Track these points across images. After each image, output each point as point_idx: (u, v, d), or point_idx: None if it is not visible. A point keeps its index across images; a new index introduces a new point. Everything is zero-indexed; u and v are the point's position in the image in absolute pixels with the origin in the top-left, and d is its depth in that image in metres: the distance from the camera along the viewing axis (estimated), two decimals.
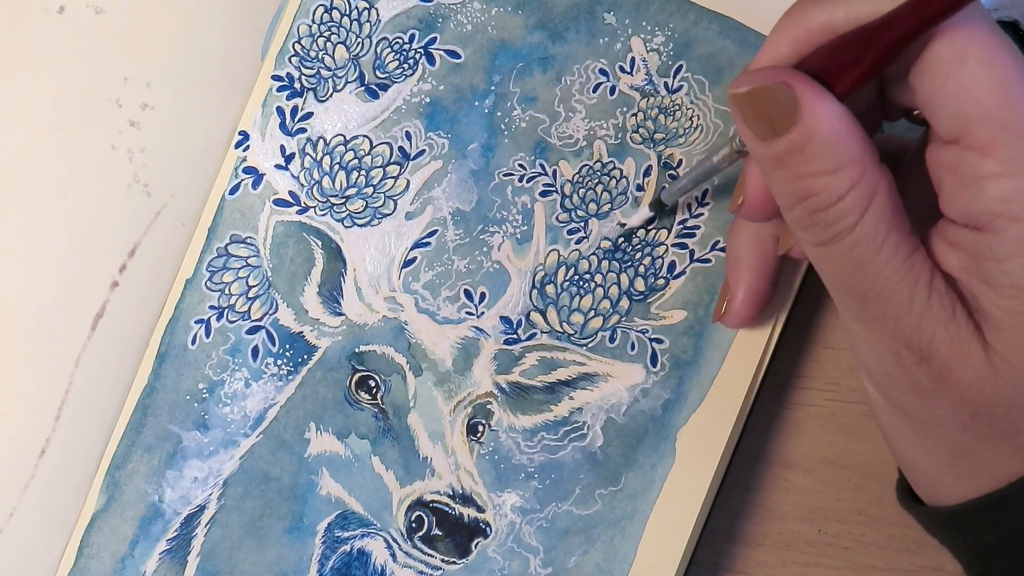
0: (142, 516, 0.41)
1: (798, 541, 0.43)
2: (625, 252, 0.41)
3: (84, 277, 0.42)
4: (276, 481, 0.41)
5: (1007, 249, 0.30)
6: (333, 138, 0.42)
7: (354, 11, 0.42)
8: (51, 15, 0.43)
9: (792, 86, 0.31)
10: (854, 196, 0.31)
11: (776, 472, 0.43)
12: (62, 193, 0.43)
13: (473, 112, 0.41)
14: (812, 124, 0.31)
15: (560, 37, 0.41)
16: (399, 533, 0.41)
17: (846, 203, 0.31)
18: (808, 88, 0.31)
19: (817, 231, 0.32)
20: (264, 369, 0.41)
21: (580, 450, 0.41)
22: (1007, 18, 0.42)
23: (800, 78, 0.31)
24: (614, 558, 0.40)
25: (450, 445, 0.41)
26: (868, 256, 0.31)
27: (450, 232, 0.41)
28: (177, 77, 0.43)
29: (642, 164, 0.41)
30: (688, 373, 0.41)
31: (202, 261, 0.41)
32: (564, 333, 0.41)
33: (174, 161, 0.43)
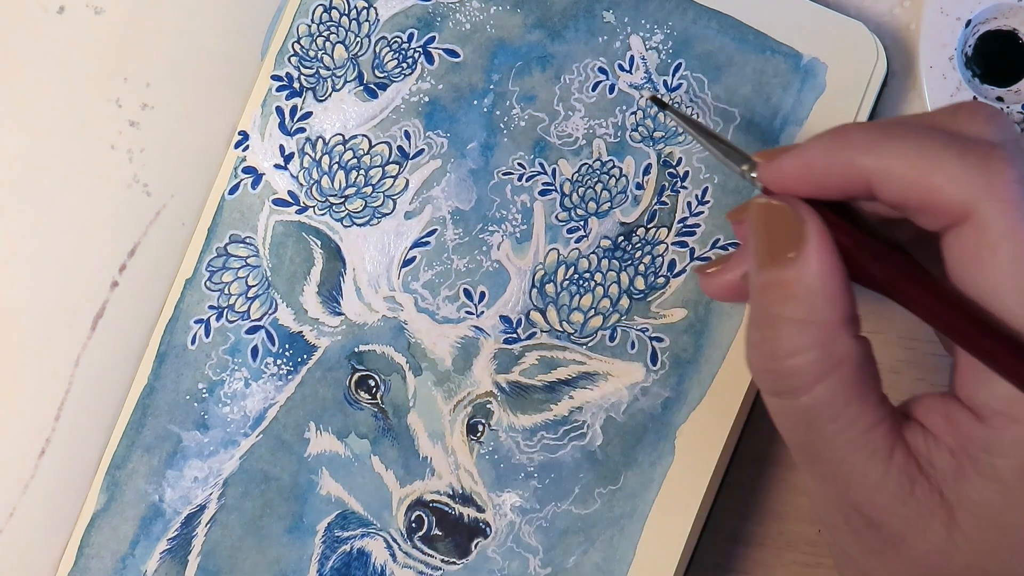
0: (142, 516, 0.41)
1: (798, 541, 0.42)
2: (625, 251, 0.41)
3: (84, 277, 0.43)
4: (276, 481, 0.41)
5: (1001, 448, 0.29)
6: (332, 138, 0.42)
7: (353, 11, 0.42)
8: (51, 15, 0.43)
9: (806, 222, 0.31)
10: (813, 357, 0.30)
11: (776, 472, 0.43)
12: (62, 193, 0.43)
13: (472, 111, 0.41)
14: (806, 265, 0.30)
15: (559, 36, 0.41)
16: (399, 533, 0.41)
17: (803, 360, 0.30)
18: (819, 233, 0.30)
19: (770, 378, 0.31)
20: (264, 369, 0.41)
21: (580, 449, 0.41)
22: (1006, 27, 0.41)
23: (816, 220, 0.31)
24: (613, 558, 0.40)
25: (450, 445, 0.41)
26: (822, 423, 0.30)
27: (449, 231, 0.41)
28: (177, 77, 0.43)
29: (642, 162, 0.41)
30: (688, 372, 0.40)
31: (202, 261, 0.41)
32: (564, 332, 0.41)
33: (174, 161, 0.43)
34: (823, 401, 0.30)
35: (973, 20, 0.41)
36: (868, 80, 0.40)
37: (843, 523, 0.32)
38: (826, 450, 0.31)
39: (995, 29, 0.41)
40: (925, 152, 0.30)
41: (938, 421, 0.31)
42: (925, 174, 0.29)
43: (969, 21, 0.41)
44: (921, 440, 0.31)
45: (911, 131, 0.30)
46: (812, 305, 0.30)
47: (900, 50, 0.42)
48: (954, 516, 0.30)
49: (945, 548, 0.30)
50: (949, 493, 0.30)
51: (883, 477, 0.30)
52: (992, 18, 0.41)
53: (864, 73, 0.40)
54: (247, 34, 0.43)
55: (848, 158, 0.31)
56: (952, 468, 0.30)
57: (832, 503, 0.32)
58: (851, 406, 0.30)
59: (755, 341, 0.32)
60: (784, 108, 0.40)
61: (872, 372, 0.31)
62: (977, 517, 0.30)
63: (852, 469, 0.30)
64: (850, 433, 0.30)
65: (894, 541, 0.31)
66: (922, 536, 0.30)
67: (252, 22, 0.43)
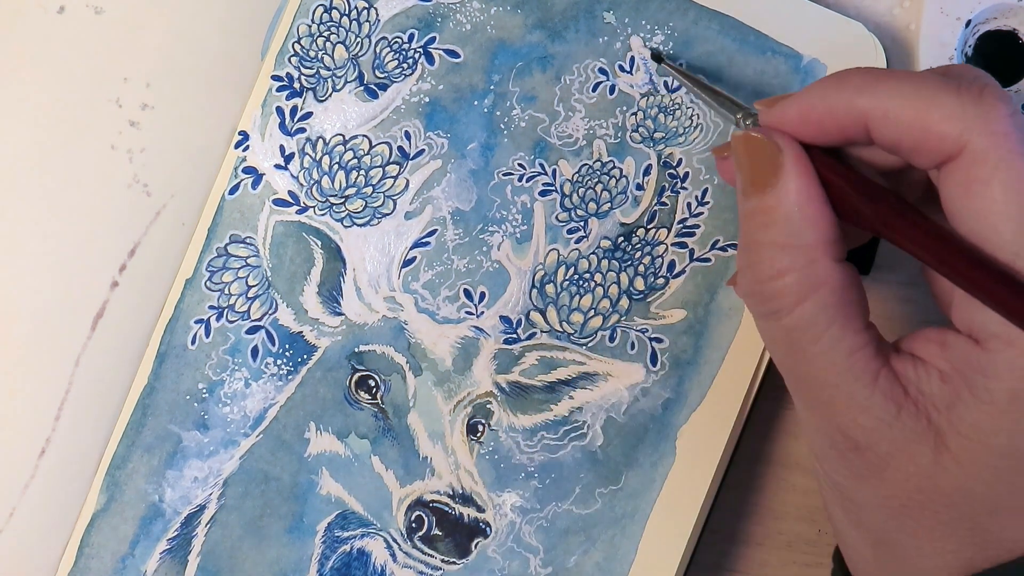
0: (142, 516, 0.41)
1: (798, 541, 0.42)
2: (625, 251, 0.41)
3: (84, 277, 0.42)
4: (276, 481, 0.41)
5: (996, 370, 0.30)
6: (332, 138, 0.42)
7: (353, 11, 0.42)
8: (51, 15, 0.43)
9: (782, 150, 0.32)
10: (794, 279, 0.31)
11: (776, 472, 0.43)
12: (62, 193, 0.43)
13: (472, 111, 0.41)
14: (784, 191, 0.32)
15: (559, 36, 0.41)
16: (399, 533, 0.41)
17: (784, 283, 0.31)
18: (797, 161, 0.32)
19: (755, 301, 0.33)
20: (264, 369, 0.41)
21: (580, 449, 0.41)
22: (1005, 27, 0.42)
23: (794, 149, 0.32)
24: (614, 557, 0.40)
25: (450, 445, 0.41)
26: (805, 343, 0.32)
27: (449, 232, 0.41)
28: (177, 77, 0.43)
29: (642, 163, 0.41)
30: (688, 372, 0.41)
31: (202, 261, 0.41)
32: (564, 332, 0.41)
33: (174, 161, 0.43)
34: (804, 322, 0.31)
35: (973, 20, 0.41)
36: None
37: (829, 448, 0.32)
38: (810, 372, 0.32)
39: (995, 29, 0.41)
40: (921, 90, 0.31)
41: (932, 349, 0.32)
42: (921, 111, 0.30)
43: (969, 21, 0.41)
44: (911, 367, 0.32)
45: (907, 73, 0.32)
46: (790, 229, 0.31)
47: (900, 50, 0.42)
48: (943, 438, 0.31)
49: (932, 471, 0.31)
50: (938, 417, 0.31)
51: (867, 400, 0.31)
52: (992, 18, 0.41)
53: None
54: (247, 34, 0.43)
55: (847, 99, 0.32)
56: (943, 393, 0.31)
57: (819, 428, 0.32)
58: (832, 327, 0.31)
59: (741, 266, 0.33)
60: None
61: (856, 298, 0.32)
62: (967, 439, 0.30)
63: (836, 391, 0.31)
64: (833, 355, 0.31)
65: (880, 464, 0.31)
66: (909, 459, 0.31)
67: (252, 22, 0.43)
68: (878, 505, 0.32)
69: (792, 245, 0.31)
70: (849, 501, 0.33)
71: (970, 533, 0.31)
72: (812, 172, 0.32)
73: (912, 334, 0.33)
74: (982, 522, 0.31)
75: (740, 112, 0.36)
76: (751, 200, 0.32)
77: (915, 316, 0.42)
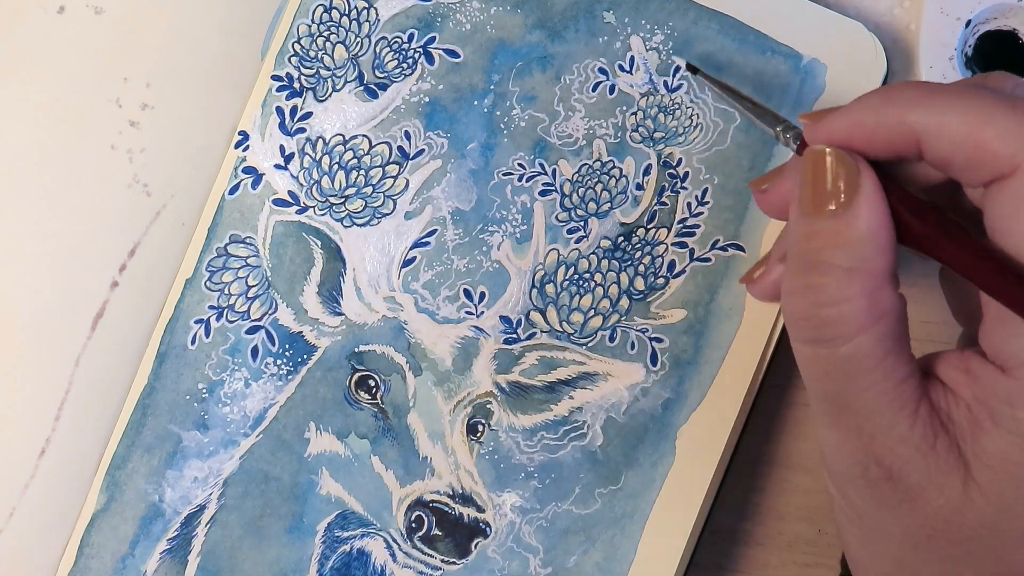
0: (142, 516, 0.41)
1: (798, 541, 0.42)
2: (625, 251, 0.41)
3: (84, 277, 0.43)
4: (276, 481, 0.41)
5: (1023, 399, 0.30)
6: (332, 138, 0.42)
7: (353, 11, 0.42)
8: (51, 15, 0.43)
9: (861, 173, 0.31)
10: (860, 306, 0.30)
11: (777, 472, 0.43)
12: (62, 193, 0.43)
13: (472, 111, 0.41)
14: (858, 214, 0.31)
15: (559, 36, 0.41)
16: (399, 533, 0.41)
17: (849, 309, 0.30)
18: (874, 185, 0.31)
19: (809, 325, 0.31)
20: (264, 369, 0.41)
21: (580, 449, 0.41)
22: (1006, 27, 0.41)
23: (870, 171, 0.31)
24: (614, 557, 0.40)
25: (450, 445, 0.41)
26: (859, 373, 0.31)
27: (449, 232, 0.41)
28: (177, 77, 0.43)
29: (642, 163, 0.41)
30: (688, 372, 0.40)
31: (202, 261, 0.41)
32: (564, 332, 0.41)
33: (174, 161, 0.43)
34: (863, 352, 0.31)
35: (973, 20, 0.41)
36: (867, 81, 0.40)
37: (859, 476, 0.32)
38: (856, 401, 0.31)
39: (995, 29, 0.41)
40: (975, 108, 0.30)
41: (957, 376, 0.31)
42: (976, 129, 0.30)
43: (969, 21, 0.41)
44: (941, 395, 0.31)
45: (959, 88, 0.31)
46: (863, 253, 0.30)
47: (900, 50, 0.42)
48: (970, 470, 0.30)
49: (959, 504, 0.30)
50: (966, 447, 0.30)
51: (909, 430, 0.31)
52: (992, 18, 0.41)
53: (864, 74, 0.40)
54: (247, 34, 0.43)
55: (898, 115, 0.31)
56: (969, 422, 0.30)
57: (852, 455, 0.32)
58: (889, 358, 0.31)
59: (797, 288, 0.32)
60: (784, 109, 0.40)
61: (906, 329, 0.32)
62: (993, 471, 0.30)
63: (880, 420, 0.31)
64: (885, 385, 0.31)
65: (911, 495, 0.31)
66: (939, 490, 0.30)
67: (252, 22, 0.43)
68: (902, 535, 0.31)
69: (861, 270, 0.30)
70: (871, 530, 0.32)
71: (995, 564, 0.31)
72: (884, 198, 0.31)
73: (937, 357, 0.32)
74: (1008, 553, 0.30)
75: (780, 125, 0.35)
76: (815, 220, 0.31)
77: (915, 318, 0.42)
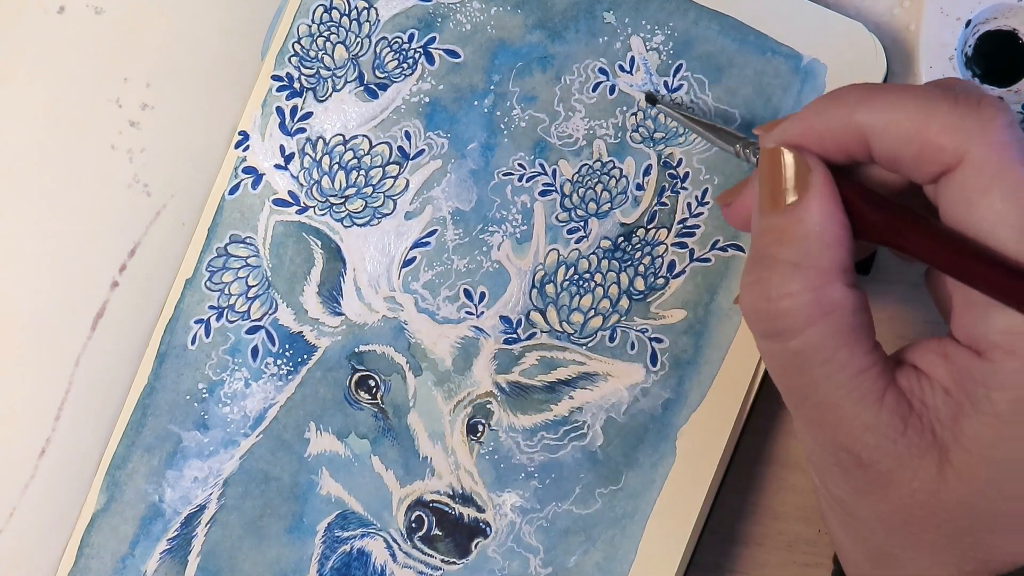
0: (142, 516, 0.41)
1: (798, 541, 0.42)
2: (625, 251, 0.41)
3: (84, 277, 0.43)
4: (276, 481, 0.41)
5: (998, 381, 0.30)
6: (332, 138, 0.42)
7: (353, 11, 0.42)
8: (51, 15, 0.43)
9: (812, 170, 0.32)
10: (805, 301, 0.31)
11: (776, 472, 0.43)
12: (62, 193, 0.43)
13: (472, 111, 0.41)
14: (806, 211, 0.31)
15: (559, 36, 0.41)
16: (399, 533, 0.41)
17: (794, 303, 0.31)
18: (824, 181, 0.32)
19: (760, 318, 0.32)
20: (264, 369, 0.41)
21: (580, 449, 0.41)
22: (1005, 27, 0.42)
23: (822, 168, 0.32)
24: (614, 557, 0.40)
25: (450, 445, 0.41)
26: (811, 366, 0.31)
27: (450, 232, 0.41)
28: (177, 77, 0.43)
29: (642, 163, 0.41)
30: (688, 372, 0.41)
31: (202, 261, 0.41)
32: (564, 332, 0.41)
33: (174, 161, 0.43)
34: (813, 345, 0.31)
35: (973, 20, 0.41)
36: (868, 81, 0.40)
37: (832, 464, 0.32)
38: (815, 393, 0.31)
39: (995, 29, 0.41)
40: (919, 103, 0.31)
41: (934, 360, 0.32)
42: (920, 124, 0.30)
43: (969, 21, 0.41)
44: (915, 381, 0.31)
45: (904, 87, 0.32)
46: (807, 249, 0.31)
47: (900, 50, 0.42)
48: (947, 454, 0.30)
49: (934, 486, 0.30)
50: (942, 431, 0.31)
51: (874, 418, 0.31)
52: (992, 18, 0.41)
53: (863, 74, 0.40)
54: (247, 34, 0.43)
55: (846, 115, 0.32)
56: (947, 406, 0.31)
57: (821, 446, 0.32)
58: (841, 351, 0.31)
59: (749, 282, 0.32)
60: (784, 109, 0.40)
61: (865, 320, 0.32)
62: (970, 453, 0.30)
63: (842, 411, 0.31)
64: (840, 377, 0.31)
65: (883, 481, 0.31)
66: (912, 474, 0.31)
67: (252, 22, 0.43)
68: (879, 520, 0.32)
69: (806, 266, 0.31)
70: (849, 516, 0.33)
71: (972, 547, 0.31)
72: (837, 195, 0.32)
73: (914, 345, 0.33)
74: (983, 537, 0.31)
75: (739, 142, 0.36)
76: (768, 217, 0.32)
77: (915, 316, 0.42)
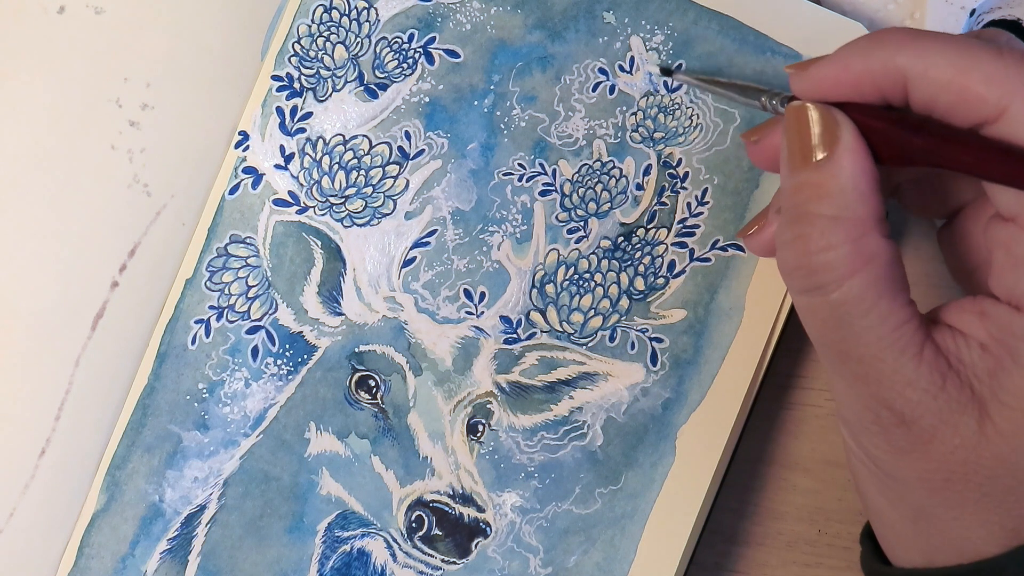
0: (142, 516, 0.41)
1: (798, 541, 0.42)
2: (625, 251, 0.41)
3: (84, 277, 0.43)
4: (276, 481, 0.41)
5: None
6: (332, 138, 0.42)
7: (353, 11, 0.42)
8: (51, 15, 0.43)
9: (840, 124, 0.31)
10: (845, 252, 0.31)
11: (776, 472, 0.43)
12: (62, 193, 0.43)
13: (472, 111, 0.41)
14: (839, 165, 0.31)
15: (559, 36, 0.41)
16: (399, 533, 0.41)
17: (836, 255, 0.31)
18: (854, 135, 0.31)
19: (801, 275, 0.32)
20: (264, 369, 0.41)
21: (580, 449, 0.41)
22: (1010, 16, 0.41)
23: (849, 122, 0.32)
24: (614, 557, 0.40)
25: (450, 445, 0.41)
26: (853, 318, 0.31)
27: (450, 232, 0.41)
28: (177, 77, 0.43)
29: (642, 163, 0.41)
30: (688, 372, 0.41)
31: (202, 261, 0.41)
32: (564, 332, 0.41)
33: (174, 161, 0.43)
34: (854, 296, 0.31)
35: (978, 9, 0.41)
36: None
37: (872, 422, 0.32)
38: (857, 347, 0.31)
39: (1000, 18, 0.41)
40: (963, 51, 0.30)
41: (970, 319, 0.32)
42: (963, 72, 0.30)
43: (974, 10, 0.41)
44: (950, 338, 0.32)
45: (947, 35, 0.31)
46: (845, 202, 0.31)
47: None
48: (986, 408, 0.30)
49: (975, 442, 0.31)
50: (981, 387, 0.31)
51: (914, 372, 0.31)
52: (996, 7, 0.41)
53: None
54: (247, 34, 0.43)
55: (886, 57, 0.31)
56: (985, 362, 0.31)
57: (862, 403, 0.32)
58: (882, 301, 0.31)
59: (787, 240, 0.32)
60: None
61: (901, 274, 0.32)
62: (1010, 408, 0.30)
63: (883, 365, 0.31)
64: (881, 329, 0.31)
65: (925, 437, 0.31)
66: (953, 430, 0.31)
67: (252, 22, 0.43)
68: (920, 479, 0.32)
69: (845, 218, 0.31)
70: (888, 477, 0.33)
71: (1016, 504, 0.31)
72: (866, 147, 0.32)
73: (946, 305, 0.33)
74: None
75: (764, 95, 0.35)
76: (801, 173, 0.32)
77: None
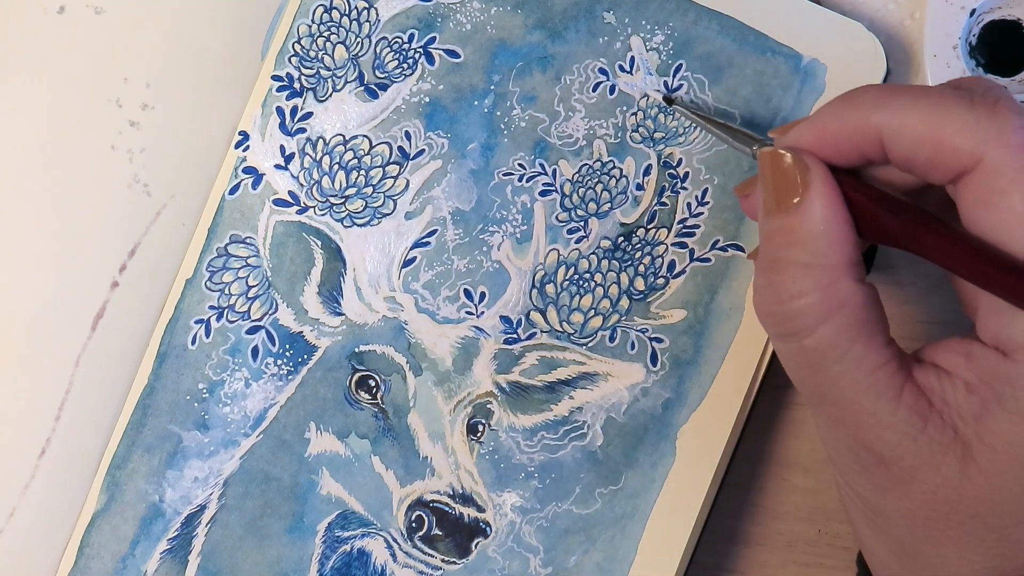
0: (143, 516, 0.41)
1: (798, 541, 0.42)
2: (625, 251, 0.41)
3: (84, 277, 0.43)
4: (276, 481, 0.41)
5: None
6: (332, 138, 0.42)
7: (353, 11, 0.42)
8: (51, 15, 0.43)
9: (810, 169, 0.32)
10: (816, 299, 0.31)
11: (776, 472, 0.43)
12: (62, 193, 0.43)
13: (472, 112, 0.41)
14: (809, 210, 0.31)
15: (559, 36, 0.41)
16: (399, 533, 0.41)
17: (806, 302, 0.31)
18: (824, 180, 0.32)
19: (775, 321, 0.32)
20: (264, 369, 0.41)
21: (580, 449, 0.41)
22: (1010, 16, 0.42)
23: (821, 168, 0.32)
24: (614, 557, 0.40)
25: (450, 445, 0.41)
26: (827, 363, 0.31)
27: (450, 232, 0.41)
28: (177, 77, 0.43)
29: (642, 163, 0.41)
30: (688, 372, 0.41)
31: (202, 261, 0.41)
32: (564, 332, 0.41)
33: (174, 161, 0.43)
34: (827, 342, 0.31)
35: (978, 10, 0.41)
36: (868, 80, 0.40)
37: (853, 462, 0.32)
38: (833, 391, 0.31)
39: (999, 19, 0.41)
40: (935, 104, 0.31)
41: (956, 360, 0.32)
42: (936, 125, 0.30)
43: (974, 10, 0.41)
44: (934, 378, 0.31)
45: (920, 88, 0.32)
46: (815, 247, 0.31)
47: (897, 45, 0.42)
48: (970, 449, 0.30)
49: (957, 482, 0.31)
50: (965, 428, 0.31)
51: (892, 415, 0.31)
52: (996, 8, 0.41)
53: (864, 73, 0.40)
54: (247, 34, 0.43)
55: (861, 116, 0.32)
56: (969, 404, 0.31)
57: (842, 444, 0.32)
58: (855, 346, 0.31)
59: (761, 285, 0.33)
60: (784, 109, 0.40)
61: (878, 315, 0.32)
62: (995, 451, 0.30)
63: (860, 408, 0.31)
64: (856, 374, 0.31)
65: (905, 477, 0.31)
66: (935, 471, 0.31)
67: (252, 22, 0.43)
68: (903, 516, 0.32)
69: (815, 265, 0.31)
70: (873, 513, 0.33)
71: (997, 543, 0.31)
72: (838, 192, 0.32)
73: (934, 345, 0.33)
74: (1009, 533, 0.31)
75: (755, 144, 0.36)
76: (774, 219, 0.32)
77: (915, 316, 0.42)
